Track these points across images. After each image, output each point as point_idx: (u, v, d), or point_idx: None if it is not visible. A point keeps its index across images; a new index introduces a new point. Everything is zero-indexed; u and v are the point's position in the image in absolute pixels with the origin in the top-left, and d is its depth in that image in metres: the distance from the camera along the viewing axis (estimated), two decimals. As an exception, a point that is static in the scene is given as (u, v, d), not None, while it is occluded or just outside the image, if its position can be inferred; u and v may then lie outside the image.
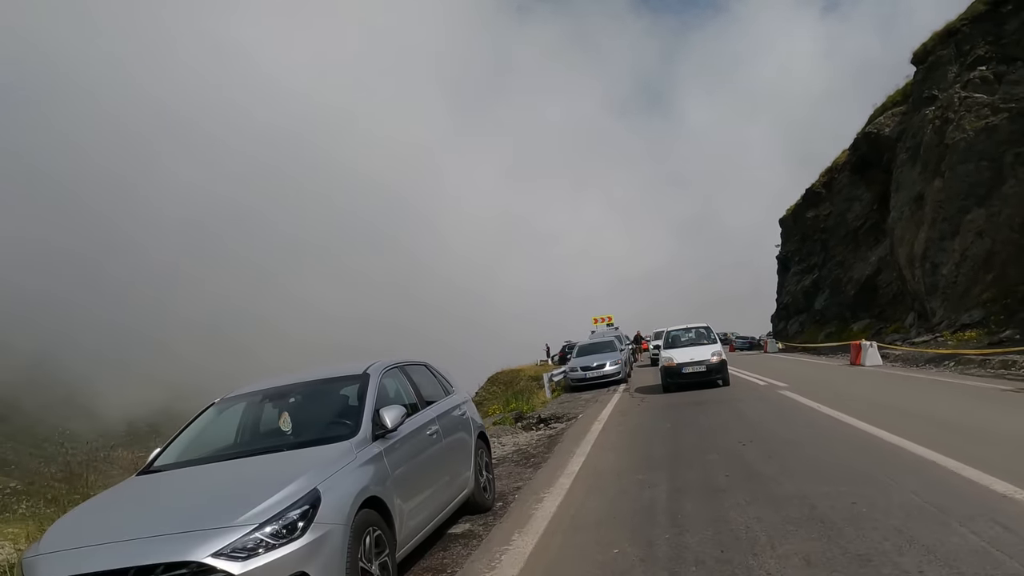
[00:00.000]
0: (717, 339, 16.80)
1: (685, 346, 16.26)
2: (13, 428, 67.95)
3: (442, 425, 5.46)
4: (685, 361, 15.26)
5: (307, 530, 3.44)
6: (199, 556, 3.18)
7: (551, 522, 5.52)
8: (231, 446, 4.75)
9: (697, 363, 15.13)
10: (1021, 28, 21.39)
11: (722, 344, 17.27)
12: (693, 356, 15.33)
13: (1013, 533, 3.99)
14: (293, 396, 5.03)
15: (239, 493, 3.63)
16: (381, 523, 4.00)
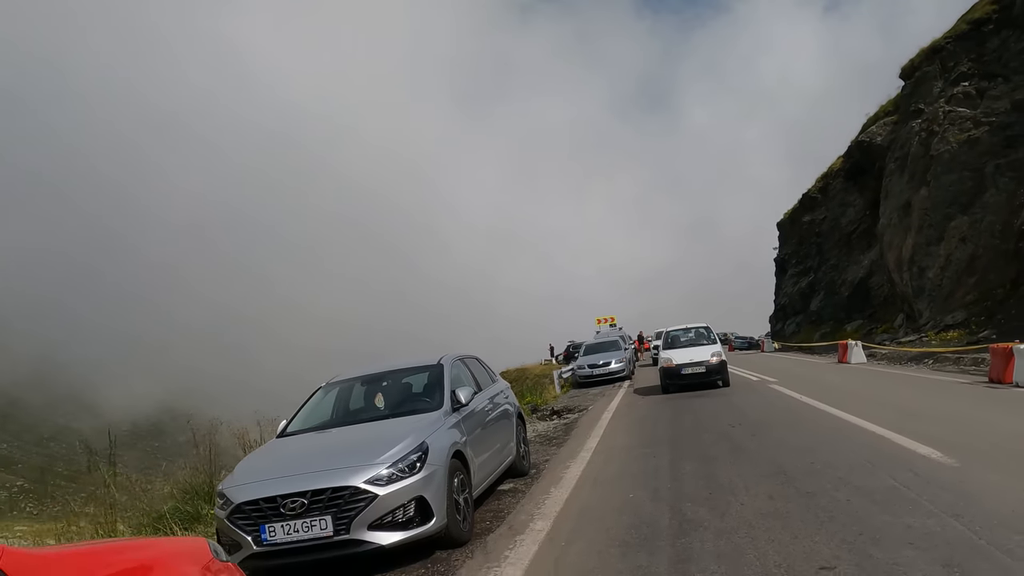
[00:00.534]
0: (717, 339, 16.53)
1: (684, 347, 16.03)
2: (17, 426, 69.17)
3: (493, 404, 7.08)
4: (684, 362, 15.02)
5: (421, 469, 5.05)
6: (355, 482, 4.79)
7: (578, 481, 7.14)
8: (343, 416, 6.37)
9: (696, 364, 14.87)
10: (1001, 47, 23.02)
11: (721, 344, 17.06)
12: (692, 357, 15.07)
13: (920, 477, 5.60)
14: (385, 380, 6.66)
15: (372, 444, 5.23)
16: (463, 469, 5.61)
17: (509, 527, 5.70)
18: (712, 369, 14.89)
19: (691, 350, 15.66)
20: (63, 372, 78.33)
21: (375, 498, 4.77)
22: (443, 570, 4.89)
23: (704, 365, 14.90)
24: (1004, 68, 23.00)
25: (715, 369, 14.94)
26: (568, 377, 22.79)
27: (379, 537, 4.78)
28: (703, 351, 15.40)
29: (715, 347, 15.66)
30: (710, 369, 14.88)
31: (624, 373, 21.33)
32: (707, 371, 14.85)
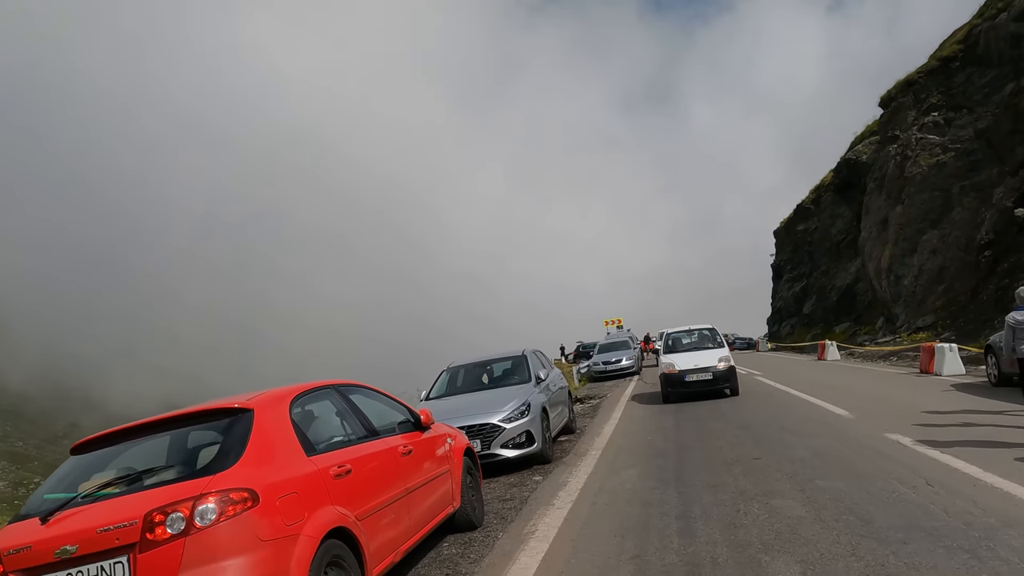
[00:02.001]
0: (724, 342, 15.21)
1: (688, 350, 15.03)
2: (26, 422, 72.09)
3: (555, 382, 10.80)
4: (688, 367, 13.86)
5: (527, 414, 8.76)
6: (493, 420, 8.50)
7: (611, 435, 10.86)
8: (465, 387, 10.09)
9: (702, 370, 13.74)
10: (966, 82, 26.76)
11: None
12: (697, 362, 13.94)
13: (828, 424, 9.32)
14: (489, 364, 10.40)
15: (496, 401, 8.94)
16: (546, 417, 9.34)
17: (574, 455, 9.44)
18: (720, 376, 13.71)
19: (696, 354, 14.50)
20: (71, 362, 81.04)
21: (503, 430, 8.49)
22: (541, 474, 8.58)
23: (710, 371, 13.71)
24: (969, 100, 26.74)
25: (723, 376, 13.75)
26: (585, 372, 26.57)
27: (506, 452, 8.50)
28: (709, 355, 14.22)
29: (722, 351, 14.41)
30: (717, 376, 13.69)
31: (633, 369, 25.11)
32: (714, 378, 13.67)
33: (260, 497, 3.52)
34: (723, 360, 13.98)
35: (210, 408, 4.12)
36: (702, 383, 13.74)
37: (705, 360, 14.07)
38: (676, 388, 14.00)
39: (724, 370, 13.82)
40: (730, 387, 14.07)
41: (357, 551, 4.09)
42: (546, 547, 5.37)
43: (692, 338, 15.85)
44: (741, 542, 4.88)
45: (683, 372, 13.94)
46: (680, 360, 14.33)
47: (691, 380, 13.80)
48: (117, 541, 3.32)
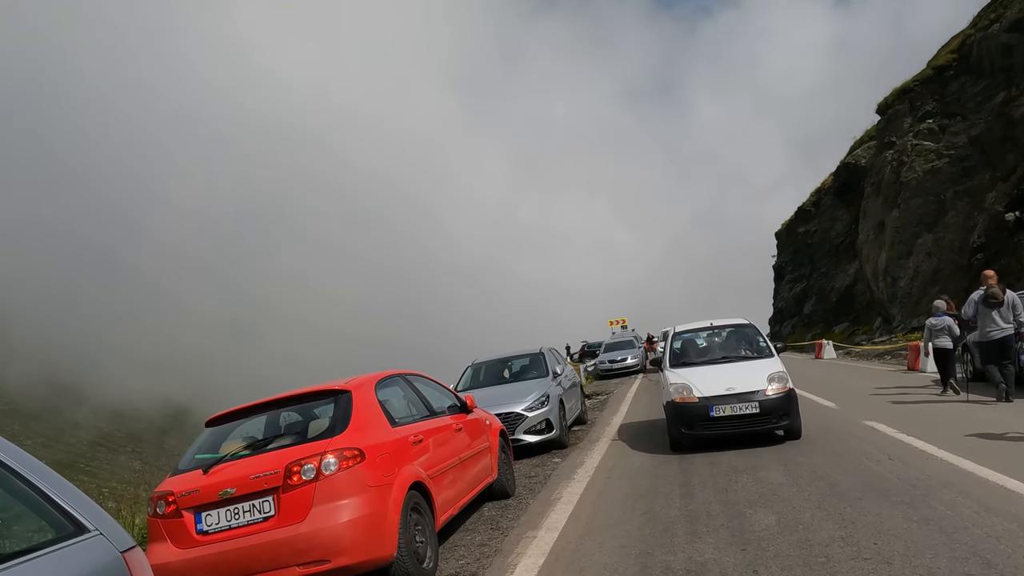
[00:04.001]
0: (773, 348, 9.69)
1: (711, 362, 9.52)
2: (30, 420, 72.63)
3: (569, 378, 12.03)
4: (716, 393, 8.41)
5: (546, 405, 9.99)
6: (517, 409, 9.73)
7: (621, 425, 12.07)
8: (489, 380, 11.31)
9: (740, 397, 8.30)
10: (960, 90, 27.93)
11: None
12: (733, 383, 8.49)
13: (817, 416, 10.52)
14: (510, 360, 11.62)
15: (519, 393, 10.16)
16: (563, 408, 10.56)
17: (588, 441, 10.66)
18: (771, 407, 8.24)
19: (726, 370, 9.02)
20: (69, 364, 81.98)
21: (526, 418, 9.71)
22: (559, 456, 9.79)
23: (755, 400, 8.24)
24: (962, 108, 27.91)
25: (776, 407, 8.25)
26: (591, 371, 27.81)
27: (528, 438, 9.72)
28: (751, 371, 8.78)
29: (773, 363, 8.97)
30: (767, 407, 8.24)
31: (638, 367, 26.34)
32: (761, 412, 8.23)
33: (366, 455, 4.74)
34: (776, 380, 8.32)
35: (316, 390, 5.35)
36: (741, 420, 8.19)
37: (745, 380, 8.43)
38: (695, 428, 8.41)
39: (778, 398, 8.18)
40: (788, 425, 8.30)
41: (430, 502, 5.32)
42: (571, 508, 6.59)
43: (718, 340, 10.33)
44: (731, 501, 6.09)
45: (707, 401, 8.32)
46: (701, 380, 8.66)
47: (722, 416, 8.25)
48: (265, 485, 4.55)
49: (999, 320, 9.80)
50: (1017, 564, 3.98)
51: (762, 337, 10.18)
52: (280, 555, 4.42)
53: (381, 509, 4.67)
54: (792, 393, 8.52)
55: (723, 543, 4.95)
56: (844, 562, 4.29)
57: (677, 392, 8.75)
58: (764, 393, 8.36)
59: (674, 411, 8.73)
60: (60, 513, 2.40)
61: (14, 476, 2.35)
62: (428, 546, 5.13)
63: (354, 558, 4.49)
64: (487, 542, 5.94)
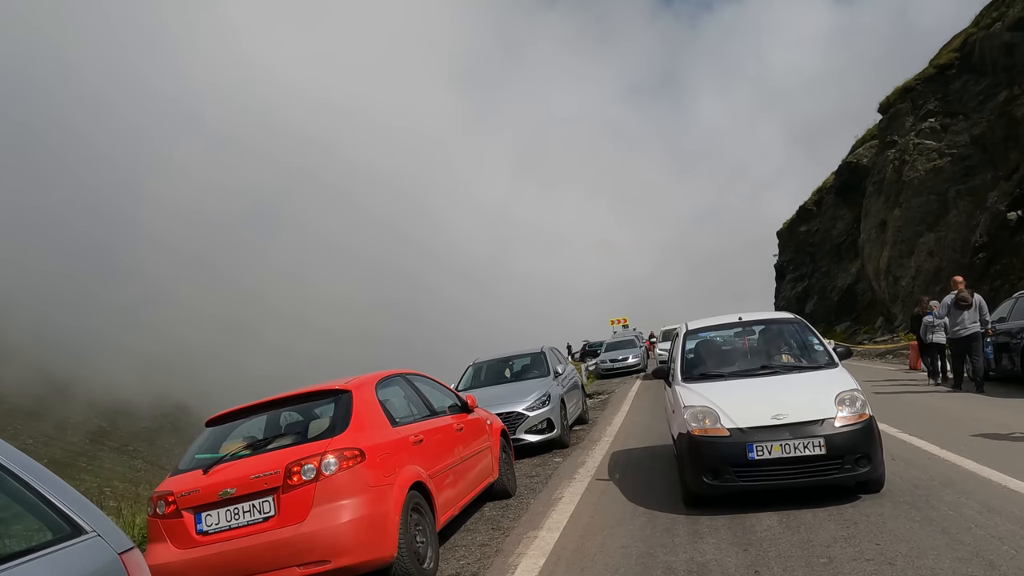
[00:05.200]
0: (833, 354, 6.65)
1: (746, 375, 6.50)
2: (27, 417, 72.16)
3: (570, 377, 12.00)
4: (759, 424, 5.56)
5: (547, 404, 9.97)
6: (518, 409, 9.71)
7: (621, 425, 12.04)
8: (490, 380, 11.29)
9: (796, 430, 5.47)
10: (962, 89, 27.87)
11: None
12: (782, 409, 5.59)
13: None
14: (513, 361, 11.60)
15: (520, 392, 10.14)
16: (564, 407, 10.53)
17: (589, 440, 10.64)
18: (842, 446, 5.44)
19: (769, 386, 6.16)
20: (64, 362, 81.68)
21: (527, 417, 9.69)
22: (561, 456, 9.77)
23: (818, 434, 5.45)
24: (964, 107, 27.85)
25: (849, 445, 5.46)
26: (593, 370, 27.76)
27: (530, 437, 9.70)
28: (808, 389, 5.98)
29: (838, 376, 6.14)
30: (835, 445, 5.43)
31: (639, 366, 26.30)
32: (828, 452, 5.42)
33: (366, 455, 4.72)
34: (848, 403, 5.66)
35: (317, 389, 5.33)
36: (797, 467, 5.47)
37: (800, 403, 5.69)
38: (724, 477, 5.59)
39: (853, 431, 5.49)
40: (867, 474, 5.53)
41: (430, 502, 5.31)
42: (572, 508, 6.57)
43: (751, 342, 7.57)
44: (733, 503, 6.06)
45: (744, 436, 5.55)
46: (732, 402, 5.85)
47: (767, 458, 5.47)
48: (265, 485, 4.53)
49: (966, 320, 11.24)
50: (1020, 565, 3.96)
51: (816, 336, 6.93)
52: (280, 555, 4.40)
53: (382, 509, 4.66)
54: (873, 423, 5.54)
55: (725, 543, 4.93)
56: (846, 563, 4.28)
57: (696, 420, 5.68)
58: (832, 423, 5.41)
59: (692, 450, 5.65)
60: (57, 515, 2.38)
61: (11, 478, 2.34)
62: (429, 546, 5.12)
63: (355, 558, 4.48)
64: (488, 542, 5.92)
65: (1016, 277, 23.87)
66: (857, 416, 5.58)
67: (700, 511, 5.82)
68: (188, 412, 66.55)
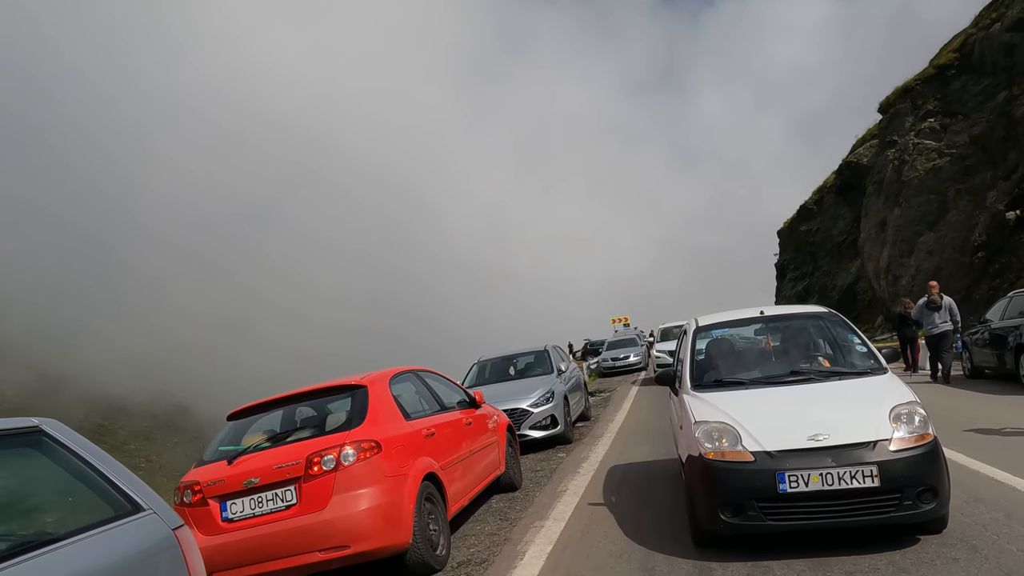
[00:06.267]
0: (880, 357, 5.39)
1: (772, 383, 5.24)
2: (27, 414, 72.44)
3: (573, 375, 12.26)
4: (792, 447, 4.36)
5: (551, 401, 10.23)
6: (523, 406, 9.99)
7: (623, 421, 12.30)
8: (495, 377, 11.55)
9: (840, 455, 4.26)
10: (961, 89, 28.09)
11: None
12: (821, 427, 4.39)
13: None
14: (515, 358, 11.86)
15: (525, 389, 10.41)
16: (568, 404, 10.80)
17: (592, 437, 10.90)
18: (899, 475, 4.23)
19: (802, 397, 4.93)
20: (59, 358, 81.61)
21: (531, 414, 9.96)
22: (564, 451, 10.02)
23: (868, 460, 4.24)
24: (964, 107, 28.07)
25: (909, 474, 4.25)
26: (594, 368, 28.02)
27: (534, 433, 9.97)
28: (853, 401, 4.79)
29: (890, 385, 4.96)
30: (894, 475, 4.22)
31: (641, 365, 26.58)
32: (883, 483, 4.20)
33: (382, 446, 4.98)
34: (906, 419, 4.49)
35: (333, 385, 5.60)
36: (841, 499, 4.25)
37: (844, 419, 4.52)
38: (747, 515, 4.38)
39: (913, 456, 4.31)
40: (933, 511, 4.32)
41: (442, 492, 5.57)
42: (576, 500, 6.83)
43: (776, 343, 6.35)
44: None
45: (773, 462, 4.35)
46: (756, 417, 4.68)
47: (805, 490, 4.25)
48: (287, 474, 4.79)
49: (937, 320, 12.72)
50: (1001, 549, 4.21)
51: (857, 334, 5.91)
52: (302, 541, 4.67)
53: (397, 498, 4.92)
54: (938, 446, 4.49)
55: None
56: (836, 545, 4.50)
57: (711, 441, 4.62)
58: (886, 447, 4.32)
59: (706, 477, 4.57)
60: (118, 493, 2.65)
61: (78, 460, 2.60)
62: (441, 534, 5.38)
63: (372, 544, 4.74)
64: (496, 531, 6.18)
65: (1014, 276, 24.09)
66: (919, 437, 4.40)
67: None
68: (186, 410, 66.65)
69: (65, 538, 2.33)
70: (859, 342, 5.76)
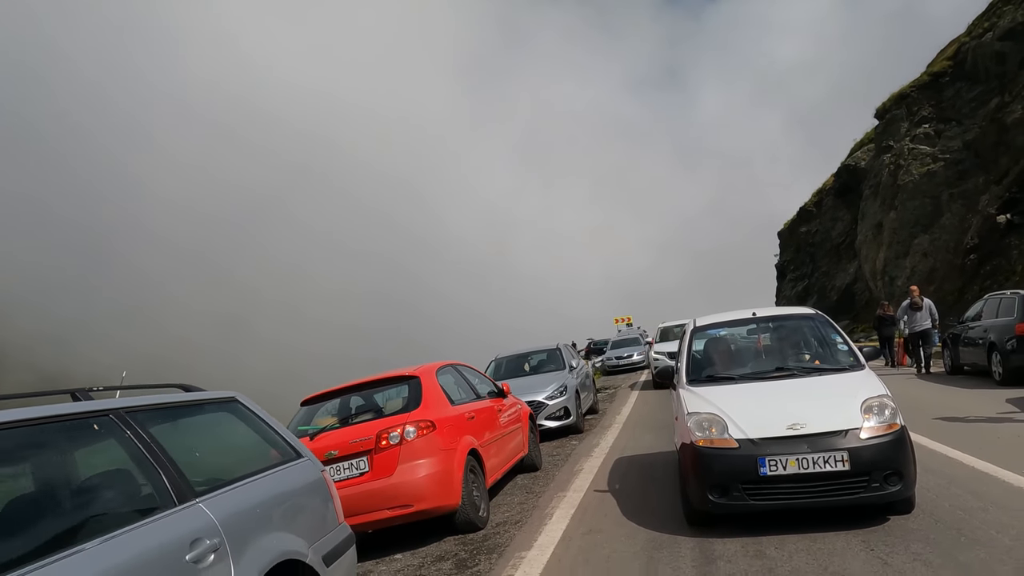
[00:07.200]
0: (859, 354, 6.19)
1: (759, 378, 6.05)
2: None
3: (583, 372, 13.40)
4: (773, 435, 5.09)
5: (564, 394, 11.39)
6: (539, 398, 11.13)
7: (629, 414, 13.44)
8: (512, 373, 12.68)
9: (815, 442, 4.99)
10: (955, 96, 29.23)
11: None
12: (800, 417, 5.14)
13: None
14: (532, 356, 13.01)
15: (541, 383, 11.55)
16: (579, 397, 11.95)
17: (601, 427, 12.04)
18: (868, 460, 4.94)
19: (785, 391, 5.70)
20: (58, 354, 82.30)
21: (547, 405, 11.11)
22: (577, 439, 11.15)
23: (841, 446, 4.97)
24: (957, 114, 29.20)
25: (877, 459, 4.95)
26: (599, 366, 29.22)
27: (549, 423, 11.12)
28: (830, 394, 5.54)
29: (864, 380, 5.68)
30: (863, 460, 4.93)
31: (643, 363, 27.73)
32: (853, 468, 4.92)
33: (436, 425, 6.12)
34: (876, 411, 5.20)
35: (391, 376, 6.74)
36: (815, 482, 5.00)
37: (821, 411, 5.25)
38: (732, 495, 5.14)
39: (881, 444, 5.01)
40: (898, 493, 5.00)
41: (482, 465, 6.71)
42: (592, 476, 7.97)
43: (766, 341, 7.13)
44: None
45: (755, 448, 5.12)
46: (742, 408, 5.46)
47: (781, 474, 5.02)
48: (361, 448, 5.93)
49: (918, 319, 15.21)
50: (957, 512, 5.19)
51: (840, 334, 6.55)
52: (374, 501, 5.80)
53: (449, 467, 6.06)
54: (905, 434, 5.12)
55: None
56: (817, 524, 5.49)
57: (701, 429, 5.32)
58: (857, 435, 4.99)
59: (696, 463, 5.25)
60: (287, 444, 3.79)
61: (260, 420, 3.74)
62: (482, 500, 6.53)
63: (430, 504, 5.89)
64: (524, 501, 7.33)
65: (1004, 277, 25.25)
66: (887, 427, 5.03)
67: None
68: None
69: (262, 472, 3.46)
70: (841, 341, 6.43)
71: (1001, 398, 10.11)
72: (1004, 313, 12.03)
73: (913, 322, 15.42)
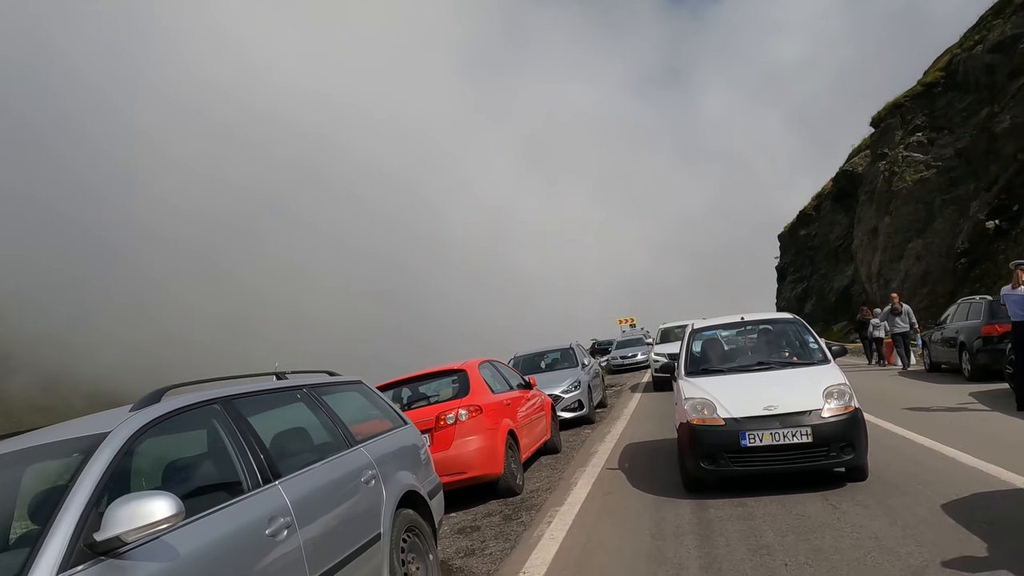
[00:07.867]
0: (827, 351, 7.62)
1: (744, 370, 7.50)
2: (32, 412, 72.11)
3: (593, 368, 14.88)
4: (751, 415, 6.50)
5: (578, 388, 12.89)
6: (555, 392, 12.59)
7: (635, 408, 14.91)
8: (530, 369, 14.15)
9: (785, 420, 6.38)
10: (947, 106, 30.69)
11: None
12: (773, 401, 6.53)
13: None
14: (547, 355, 14.51)
15: (556, 379, 13.05)
16: (591, 392, 13.44)
17: (610, 418, 13.53)
18: (827, 434, 6.32)
19: (765, 380, 7.09)
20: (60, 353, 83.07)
21: (563, 399, 12.60)
22: (589, 429, 12.61)
23: (805, 425, 6.34)
24: (949, 123, 30.67)
25: (834, 434, 6.34)
26: (604, 366, 30.73)
27: (564, 414, 12.61)
28: (799, 383, 6.90)
29: (829, 372, 7.09)
30: (821, 435, 6.32)
31: (647, 363, 29.21)
32: (815, 440, 6.30)
33: (483, 409, 7.60)
34: (836, 396, 6.56)
35: (443, 369, 8.23)
36: (785, 453, 6.37)
37: (791, 396, 6.60)
38: (719, 463, 6.49)
39: (838, 421, 6.37)
40: (851, 461, 6.43)
41: (517, 442, 8.21)
42: (605, 457, 9.45)
43: (751, 340, 8.66)
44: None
45: (737, 425, 6.46)
46: (729, 394, 6.78)
47: (758, 445, 6.37)
48: (424, 427, 7.39)
49: (898, 322, 17.17)
50: (911, 480, 6.65)
51: (812, 336, 7.84)
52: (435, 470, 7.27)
53: (493, 443, 7.54)
54: (858, 415, 6.38)
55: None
56: (789, 488, 6.99)
57: (695, 411, 6.56)
58: (819, 414, 6.26)
59: (691, 437, 6.50)
60: (397, 414, 5.27)
61: (378, 396, 5.22)
62: (519, 470, 8.03)
63: (479, 471, 7.37)
64: (551, 475, 8.82)
65: (992, 281, 26.74)
66: (843, 408, 6.41)
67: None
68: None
69: (387, 431, 4.93)
70: (812, 341, 7.93)
71: (965, 392, 11.58)
72: (973, 316, 13.50)
73: (894, 325, 17.37)
